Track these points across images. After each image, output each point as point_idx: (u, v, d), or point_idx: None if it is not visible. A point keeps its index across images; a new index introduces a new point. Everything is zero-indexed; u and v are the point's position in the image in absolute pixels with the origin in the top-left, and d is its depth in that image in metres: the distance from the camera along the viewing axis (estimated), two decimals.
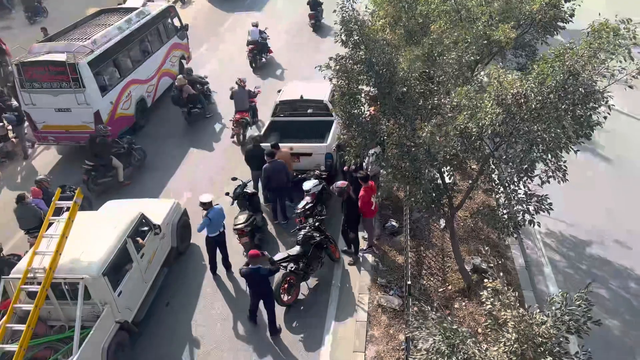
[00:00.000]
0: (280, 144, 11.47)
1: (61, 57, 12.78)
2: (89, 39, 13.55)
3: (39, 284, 7.42)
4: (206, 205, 9.52)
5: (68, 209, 8.08)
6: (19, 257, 9.13)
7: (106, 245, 8.25)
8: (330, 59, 8.09)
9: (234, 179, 11.09)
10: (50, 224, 8.21)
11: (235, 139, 14.15)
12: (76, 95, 12.91)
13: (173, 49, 17.02)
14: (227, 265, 10.10)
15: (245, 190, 10.61)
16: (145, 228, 9.28)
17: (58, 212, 8.44)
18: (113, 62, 14.03)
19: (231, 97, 14.36)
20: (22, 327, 7.07)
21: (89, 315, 7.82)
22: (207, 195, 9.71)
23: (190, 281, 10.00)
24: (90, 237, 8.39)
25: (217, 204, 9.83)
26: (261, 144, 11.43)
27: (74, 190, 8.97)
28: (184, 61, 17.78)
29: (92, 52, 13.16)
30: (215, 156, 13.79)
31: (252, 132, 14.19)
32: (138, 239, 8.93)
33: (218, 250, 9.91)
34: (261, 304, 8.70)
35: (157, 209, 10.10)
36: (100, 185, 12.29)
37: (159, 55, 16.13)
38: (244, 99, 14.17)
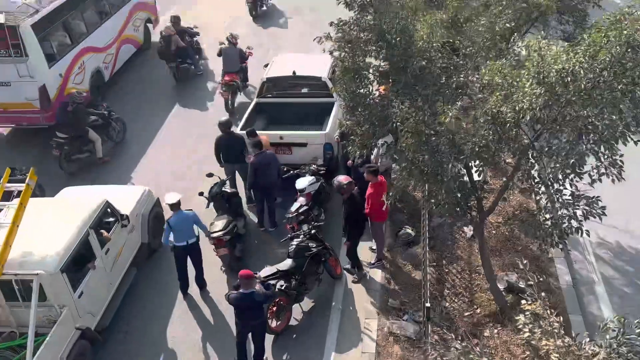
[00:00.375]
0: (266, 132, 11.52)
1: None
2: None
3: None
4: (173, 207, 9.57)
5: (19, 193, 8.19)
6: None
7: (65, 237, 8.41)
8: (331, 24, 8.12)
9: (210, 175, 11.13)
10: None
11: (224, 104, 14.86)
12: (17, 66, 12.95)
13: (136, 10, 17.20)
14: (201, 284, 10.13)
15: (223, 189, 10.65)
16: (111, 219, 9.49)
17: (7, 197, 8.61)
18: (63, 25, 14.11)
19: (219, 55, 15.01)
20: None
21: (45, 319, 7.97)
22: (174, 195, 9.73)
23: (163, 288, 10.14)
24: (45, 227, 8.56)
25: (189, 209, 9.90)
26: (232, 130, 11.53)
27: (26, 172, 9.09)
28: (150, 25, 18.16)
29: (37, 12, 13.16)
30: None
31: (241, 98, 14.86)
32: (102, 231, 9.11)
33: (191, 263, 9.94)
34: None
35: (125, 197, 10.33)
36: (75, 162, 12.73)
37: (119, 17, 16.23)
38: (235, 59, 14.70)
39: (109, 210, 9.44)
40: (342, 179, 9.89)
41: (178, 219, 9.50)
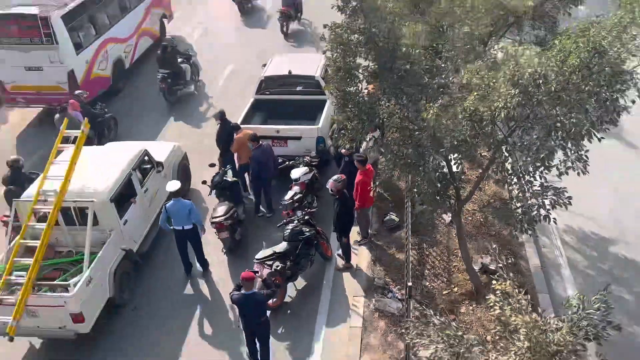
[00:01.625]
0: (264, 126, 11.58)
1: (33, 10, 13.33)
2: None
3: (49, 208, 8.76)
4: (173, 195, 9.60)
5: (75, 138, 9.49)
6: (38, 175, 9.98)
7: (113, 174, 9.60)
8: (325, 26, 8.12)
9: (212, 165, 11.14)
10: (59, 152, 9.56)
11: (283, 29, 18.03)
12: (48, 53, 13.48)
13: (153, 6, 17.70)
14: (204, 264, 10.18)
15: (225, 178, 10.66)
16: (148, 166, 10.66)
17: (65, 140, 9.81)
18: (89, 17, 14.71)
19: None
20: (36, 243, 8.52)
21: (96, 241, 8.98)
22: (174, 183, 9.79)
23: (170, 268, 10.27)
24: (98, 167, 9.78)
25: (188, 199, 9.96)
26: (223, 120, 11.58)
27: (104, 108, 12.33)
28: (165, 20, 18.66)
29: (66, 6, 13.76)
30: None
31: (296, 26, 18.09)
32: (139, 175, 10.22)
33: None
34: None
35: (159, 150, 11.39)
36: (174, 94, 14.97)
37: (138, 12, 16.77)
38: None
39: (146, 158, 10.59)
40: (334, 179, 9.68)
41: (174, 206, 9.53)
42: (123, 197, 9.60)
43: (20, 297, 8.12)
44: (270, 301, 9.01)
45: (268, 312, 8.31)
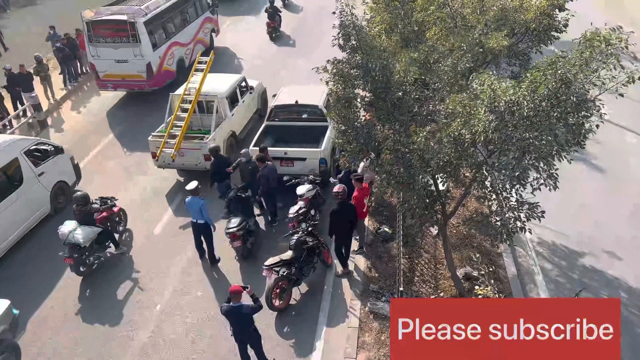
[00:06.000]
0: (274, 148, 11.61)
1: (123, 17, 15.79)
2: (143, 5, 16.41)
3: (190, 101, 12.88)
4: (190, 192, 9.90)
5: (206, 61, 13.72)
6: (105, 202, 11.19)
7: (228, 84, 13.85)
8: (328, 61, 8.20)
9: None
10: (196, 70, 13.65)
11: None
12: (133, 49, 15.94)
13: (206, 22, 19.85)
14: (212, 259, 10.30)
15: (238, 193, 10.65)
16: (244, 85, 14.44)
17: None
18: (161, 25, 17.00)
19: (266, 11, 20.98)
20: (185, 114, 12.69)
21: (215, 124, 12.76)
22: (193, 183, 10.07)
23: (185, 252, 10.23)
24: (217, 81, 13.90)
25: (202, 198, 10.05)
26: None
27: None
28: (214, 34, 20.52)
29: (146, 14, 16.09)
30: None
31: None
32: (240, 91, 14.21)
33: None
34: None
35: (251, 82, 15.08)
36: None
37: (195, 24, 19.01)
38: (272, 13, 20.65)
39: (244, 82, 14.48)
40: (337, 188, 9.69)
41: (191, 201, 9.95)
42: (232, 100, 13.68)
43: (178, 139, 12.13)
44: (277, 303, 8.98)
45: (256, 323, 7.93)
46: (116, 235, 10.89)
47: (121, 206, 11.33)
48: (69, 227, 9.98)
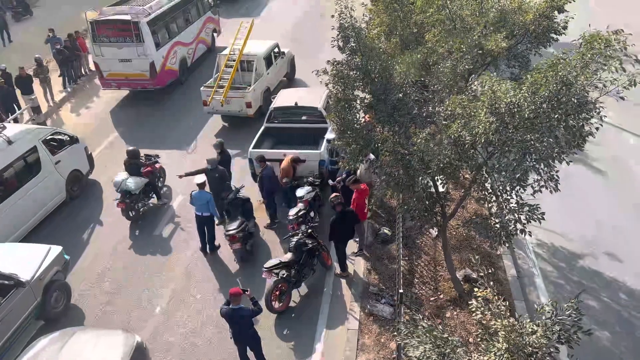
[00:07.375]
0: (273, 150, 11.51)
1: (127, 17, 15.93)
2: (146, 5, 16.61)
3: (234, 60, 14.97)
4: (198, 186, 10.15)
5: (247, 27, 15.88)
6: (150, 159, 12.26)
7: (264, 47, 15.74)
8: (328, 62, 8.12)
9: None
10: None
11: None
12: (136, 48, 16.10)
13: (208, 22, 20.03)
14: (212, 247, 10.50)
15: (238, 196, 10.58)
16: (276, 51, 16.31)
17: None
18: (164, 25, 17.15)
19: None
20: (230, 69, 14.92)
21: (255, 79, 14.83)
22: (201, 177, 10.44)
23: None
24: (257, 46, 15.72)
25: (209, 192, 10.33)
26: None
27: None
28: (215, 34, 20.69)
29: (149, 15, 16.28)
30: None
31: None
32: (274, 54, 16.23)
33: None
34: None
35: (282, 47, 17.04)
36: None
37: (197, 24, 19.19)
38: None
39: (276, 49, 16.19)
40: (332, 196, 9.65)
41: (198, 195, 10.16)
42: (267, 60, 15.50)
43: (225, 88, 14.30)
44: (277, 305, 8.89)
45: (256, 325, 7.94)
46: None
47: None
48: (121, 176, 11.24)
